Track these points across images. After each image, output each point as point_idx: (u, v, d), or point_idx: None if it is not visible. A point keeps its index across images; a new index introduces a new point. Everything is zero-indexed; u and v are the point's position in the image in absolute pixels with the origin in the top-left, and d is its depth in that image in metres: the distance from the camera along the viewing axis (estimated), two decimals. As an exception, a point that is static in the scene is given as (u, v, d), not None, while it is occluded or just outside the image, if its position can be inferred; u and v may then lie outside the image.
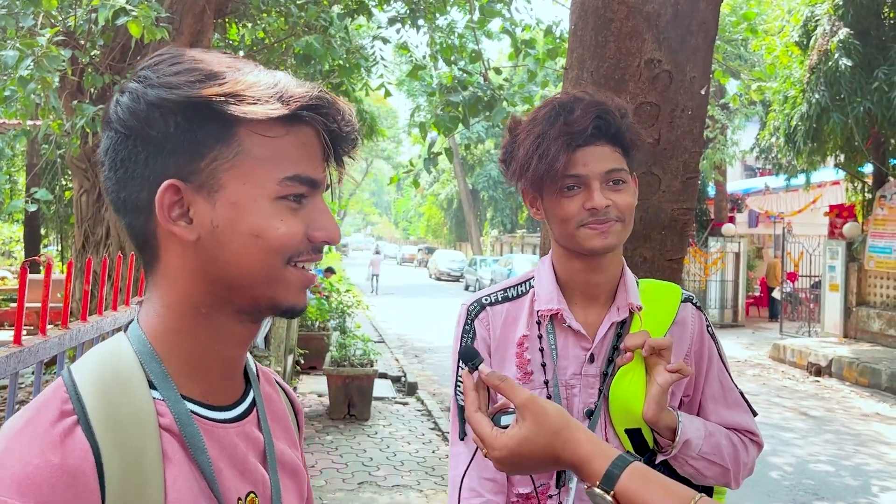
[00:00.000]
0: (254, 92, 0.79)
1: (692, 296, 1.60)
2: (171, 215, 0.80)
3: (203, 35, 6.13)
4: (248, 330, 0.87)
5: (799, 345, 12.55)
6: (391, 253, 58.93)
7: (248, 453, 0.87)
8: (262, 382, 0.98)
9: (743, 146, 19.27)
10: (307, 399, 8.45)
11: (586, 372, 1.47)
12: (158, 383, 0.80)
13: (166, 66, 0.81)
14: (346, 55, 7.57)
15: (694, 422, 1.45)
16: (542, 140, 1.39)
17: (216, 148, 0.79)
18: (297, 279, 0.84)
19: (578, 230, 1.40)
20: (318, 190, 0.85)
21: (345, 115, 0.85)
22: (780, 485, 6.10)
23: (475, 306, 1.55)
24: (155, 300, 0.84)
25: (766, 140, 14.32)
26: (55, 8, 5.43)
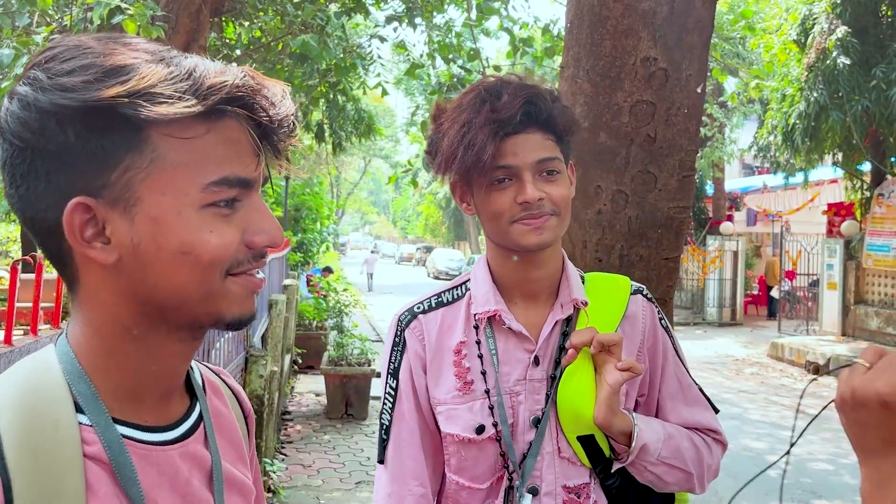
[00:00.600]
0: (164, 88, 0.68)
1: (643, 287, 1.50)
2: (85, 236, 0.71)
3: (199, 34, 6.11)
4: (189, 346, 0.79)
5: (797, 343, 12.56)
6: (389, 252, 58.90)
7: (192, 476, 0.79)
8: (209, 395, 0.89)
9: (741, 144, 19.26)
10: (304, 398, 8.44)
11: (531, 376, 1.36)
12: (87, 407, 0.72)
13: (58, 63, 0.70)
14: (343, 54, 7.56)
15: (651, 424, 1.36)
16: (468, 129, 1.27)
17: (127, 156, 0.70)
18: (240, 289, 0.76)
19: (511, 226, 1.29)
20: (253, 189, 0.76)
21: (275, 99, 0.75)
22: (777, 483, 6.07)
23: (406, 316, 1.43)
24: (81, 322, 0.76)
25: (764, 138, 14.31)
26: (51, 6, 5.42)
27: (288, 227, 13.24)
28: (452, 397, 1.36)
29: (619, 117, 2.46)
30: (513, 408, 1.35)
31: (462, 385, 1.36)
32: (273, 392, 5.20)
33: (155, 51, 0.72)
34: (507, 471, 1.34)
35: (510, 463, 1.33)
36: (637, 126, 2.47)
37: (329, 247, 18.98)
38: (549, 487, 1.33)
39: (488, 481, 1.36)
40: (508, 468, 1.33)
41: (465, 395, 1.36)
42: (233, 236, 0.74)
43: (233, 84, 0.71)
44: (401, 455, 1.38)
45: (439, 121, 1.37)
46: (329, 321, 9.90)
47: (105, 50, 0.70)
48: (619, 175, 2.50)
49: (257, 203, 0.77)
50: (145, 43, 0.74)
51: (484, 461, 1.35)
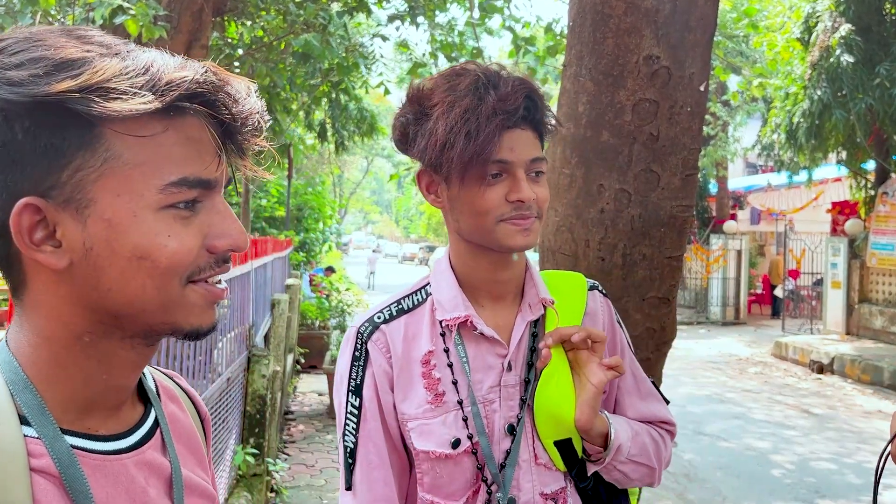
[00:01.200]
0: (119, 83, 0.64)
1: (597, 283, 1.46)
2: (33, 239, 0.67)
3: (201, 33, 6.12)
4: (142, 354, 0.75)
5: (801, 342, 12.53)
6: (392, 251, 58.90)
7: (149, 485, 0.76)
8: (164, 400, 0.86)
9: (745, 143, 19.23)
10: (307, 398, 8.44)
11: (505, 382, 1.29)
12: (33, 418, 0.68)
13: (7, 55, 0.65)
14: (345, 53, 7.55)
15: (622, 424, 1.33)
16: (471, 116, 1.17)
17: (78, 155, 0.66)
18: (200, 298, 0.72)
19: (498, 225, 1.22)
20: (214, 191, 0.72)
21: (238, 97, 0.71)
22: (781, 483, 6.08)
23: (367, 326, 1.32)
24: (27, 329, 0.71)
25: (767, 137, 14.27)
26: (53, 7, 5.42)
27: (290, 226, 13.24)
28: (423, 411, 1.28)
29: (621, 116, 2.45)
30: (487, 417, 1.28)
31: (433, 398, 1.28)
32: (275, 392, 5.20)
33: (111, 44, 0.69)
34: (486, 483, 1.27)
35: (489, 475, 1.27)
36: (640, 124, 2.46)
37: (332, 246, 18.99)
38: (527, 496, 1.28)
39: (464, 497, 1.29)
40: (487, 480, 1.27)
41: (436, 407, 1.27)
42: (193, 240, 0.70)
43: (193, 80, 0.67)
44: (370, 478, 1.28)
45: (425, 103, 1.25)
46: (332, 321, 9.90)
47: (57, 42, 0.66)
48: (621, 174, 2.49)
49: (219, 205, 0.73)
50: (101, 36, 0.70)
51: (460, 476, 1.28)
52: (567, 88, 2.59)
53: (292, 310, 7.91)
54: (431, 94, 1.24)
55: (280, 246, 8.34)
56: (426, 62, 8.32)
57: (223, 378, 3.92)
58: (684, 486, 5.84)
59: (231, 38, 8.00)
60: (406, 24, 7.81)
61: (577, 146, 2.53)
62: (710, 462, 6.58)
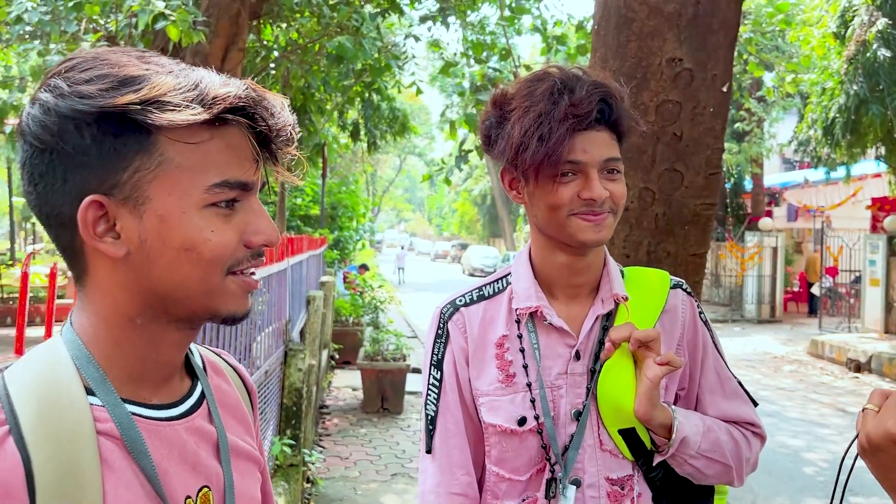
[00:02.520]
0: (173, 97, 0.74)
1: (682, 281, 1.49)
2: (97, 231, 0.76)
3: (238, 37, 6.28)
4: (187, 335, 0.85)
5: (838, 340, 12.36)
6: (425, 249, 59.07)
7: (200, 448, 0.85)
8: (211, 374, 0.95)
9: (781, 139, 18.98)
10: (342, 393, 8.59)
11: (572, 370, 1.37)
12: (97, 388, 0.78)
13: (78, 72, 0.76)
14: (377, 54, 7.67)
15: (691, 417, 1.37)
16: (544, 120, 1.25)
17: (137, 158, 0.75)
18: (237, 287, 0.82)
19: (569, 219, 1.29)
20: (251, 192, 0.82)
21: (274, 110, 0.80)
22: (813, 480, 6.06)
23: (448, 308, 1.45)
24: (88, 311, 0.81)
25: (804, 133, 14.09)
26: (97, 13, 5.61)
27: (325, 224, 13.43)
28: (494, 389, 1.38)
29: (645, 116, 2.52)
30: (554, 401, 1.36)
31: (504, 377, 1.38)
32: (311, 385, 5.34)
33: (165, 63, 0.79)
34: (549, 463, 1.35)
35: (552, 455, 1.35)
36: (663, 125, 2.53)
37: (365, 244, 19.17)
38: (592, 479, 1.35)
39: (528, 473, 1.37)
40: (550, 460, 1.35)
41: (507, 387, 1.37)
42: (232, 236, 0.79)
43: (235, 95, 0.76)
44: (447, 445, 1.40)
45: (506, 107, 1.33)
46: (365, 317, 10.05)
47: (120, 62, 0.76)
48: (645, 173, 2.56)
49: (255, 205, 0.82)
50: (157, 56, 0.80)
51: (524, 453, 1.36)
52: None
53: (327, 306, 8.07)
54: (512, 98, 1.33)
55: (315, 244, 8.50)
56: (457, 61, 8.42)
57: (261, 371, 4.06)
58: (715, 483, 5.85)
59: (267, 41, 8.17)
60: (437, 24, 7.90)
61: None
62: (741, 459, 6.57)
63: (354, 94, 9.44)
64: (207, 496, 0.85)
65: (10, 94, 5.28)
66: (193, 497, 0.83)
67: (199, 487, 0.84)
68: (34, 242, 22.46)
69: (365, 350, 8.01)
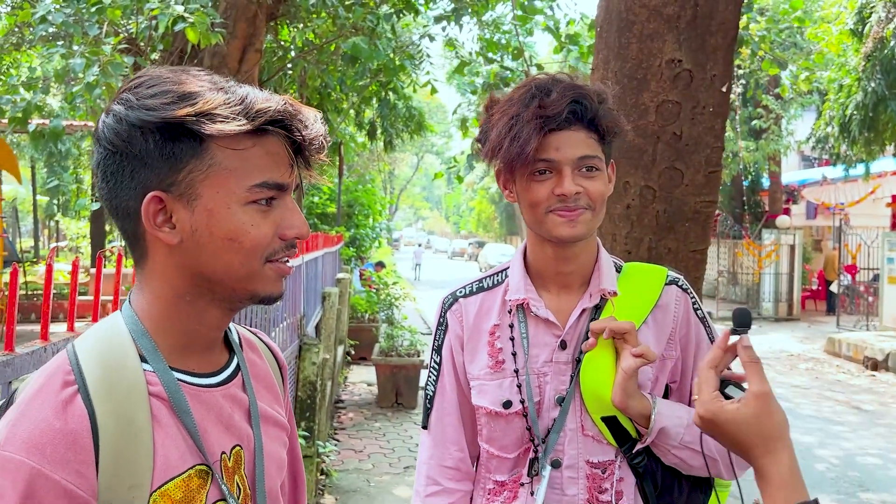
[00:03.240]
0: (222, 110, 0.87)
1: (679, 277, 1.54)
2: (157, 222, 0.90)
3: (255, 38, 6.39)
4: (227, 313, 0.98)
5: (855, 338, 12.29)
6: (442, 247, 59.15)
7: (234, 412, 0.99)
8: (246, 350, 1.10)
9: (800, 136, 18.85)
10: (357, 388, 8.71)
11: (557, 359, 1.45)
12: (149, 357, 0.92)
13: (144, 88, 0.90)
14: (392, 54, 7.76)
15: (675, 409, 1.41)
16: (516, 122, 1.35)
17: (191, 161, 0.89)
18: (273, 273, 0.95)
19: (547, 216, 1.37)
20: (286, 192, 0.95)
21: (308, 122, 0.93)
22: (824, 477, 6.08)
23: (449, 298, 1.56)
24: (145, 290, 0.95)
25: (821, 130, 14.01)
26: (119, 16, 5.75)
27: (341, 222, 13.56)
28: (485, 374, 1.49)
29: (645, 116, 2.59)
30: (539, 387, 1.44)
31: (494, 364, 1.47)
32: (325, 379, 5.45)
33: (217, 81, 0.93)
34: (533, 444, 1.45)
35: (535, 436, 1.44)
36: (663, 125, 2.59)
37: (382, 242, 19.29)
38: (572, 461, 1.43)
39: (515, 452, 1.47)
40: (534, 441, 1.45)
41: (495, 372, 1.47)
42: (268, 229, 0.92)
43: (275, 109, 0.90)
44: (442, 423, 1.53)
45: (491, 112, 1.44)
46: (380, 314, 10.16)
47: (179, 80, 0.91)
48: (646, 171, 2.63)
49: (290, 203, 0.96)
50: (208, 75, 0.94)
51: (511, 433, 1.46)
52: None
53: (342, 303, 8.18)
54: (495, 104, 1.44)
55: (331, 241, 8.62)
56: (472, 60, 8.49)
57: (276, 364, 4.16)
58: (725, 479, 5.89)
59: (284, 42, 8.29)
60: (452, 24, 7.98)
61: (605, 146, 2.67)
62: (753, 455, 6.60)
63: (371, 93, 9.54)
64: (239, 454, 0.99)
65: (34, 95, 5.42)
66: (228, 453, 0.96)
67: (232, 446, 0.98)
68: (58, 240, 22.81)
69: (380, 346, 8.12)
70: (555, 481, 1.43)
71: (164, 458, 0.88)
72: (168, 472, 0.88)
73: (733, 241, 18.94)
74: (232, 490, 0.96)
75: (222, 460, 0.96)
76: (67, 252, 18.69)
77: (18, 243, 18.28)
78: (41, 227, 20.87)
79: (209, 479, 0.93)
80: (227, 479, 0.95)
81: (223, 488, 0.94)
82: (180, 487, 0.89)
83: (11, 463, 0.79)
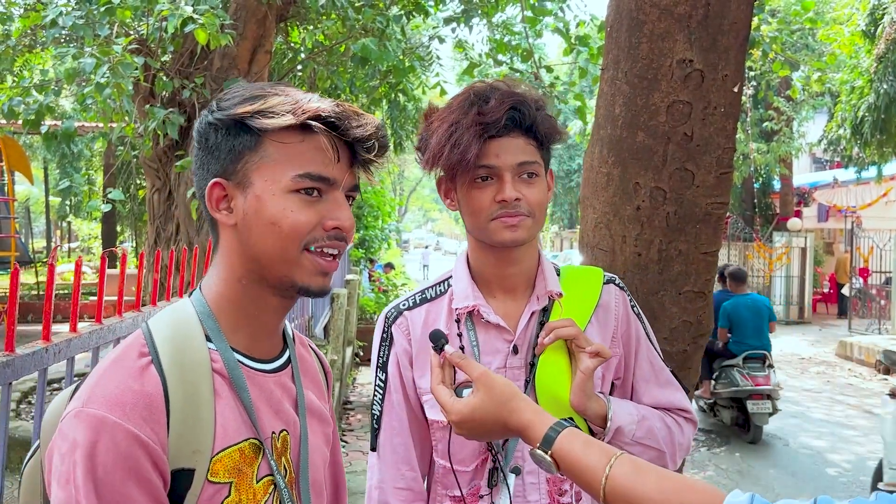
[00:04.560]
0: (274, 108, 0.98)
1: (614, 277, 1.58)
2: (219, 206, 1.02)
3: (265, 39, 6.40)
4: (280, 302, 1.06)
5: (867, 342, 12.20)
6: (451, 249, 59.12)
7: (283, 399, 1.08)
8: (297, 345, 1.19)
9: (811, 138, 18.73)
10: (366, 389, 8.70)
11: (511, 364, 1.44)
12: (213, 336, 1.01)
13: (227, 95, 1.04)
14: (401, 56, 7.76)
15: (626, 407, 1.44)
16: (455, 129, 1.36)
17: (247, 153, 1.00)
18: (310, 264, 1.01)
19: (489, 223, 1.38)
20: (334, 186, 1.02)
21: (356, 123, 1.01)
22: (836, 481, 6.03)
23: (392, 312, 1.53)
24: (213, 272, 1.06)
25: (833, 132, 13.92)
26: (129, 18, 5.77)
27: (350, 223, 13.54)
28: None
29: (656, 117, 2.56)
30: None
31: None
32: (333, 380, 5.44)
33: (284, 89, 1.03)
34: (491, 453, 1.43)
35: (493, 445, 1.43)
36: (674, 125, 2.57)
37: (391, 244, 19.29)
38: (532, 467, 1.42)
39: (473, 464, 1.45)
40: (492, 451, 1.43)
41: None
42: (311, 217, 1.00)
43: (320, 108, 0.99)
44: (392, 443, 1.48)
45: (430, 119, 1.45)
46: (389, 315, 10.13)
47: (253, 88, 1.03)
48: (656, 172, 2.60)
49: (338, 198, 1.03)
50: (284, 86, 1.04)
51: (468, 445, 1.43)
52: (604, 91, 2.71)
53: (351, 304, 8.18)
54: (434, 112, 1.46)
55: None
56: (481, 62, 8.47)
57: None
58: (736, 483, 5.85)
59: (294, 43, 8.30)
60: (461, 26, 7.97)
61: (614, 146, 2.64)
62: (763, 460, 6.56)
63: (380, 94, 9.54)
64: (286, 438, 1.07)
65: (46, 97, 5.44)
66: (276, 434, 1.05)
67: (280, 429, 1.06)
68: (69, 241, 22.94)
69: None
70: (516, 489, 1.42)
71: (222, 427, 0.97)
72: (225, 440, 0.97)
73: (744, 244, 18.84)
74: (280, 470, 1.04)
75: (272, 439, 1.04)
76: (79, 252, 18.79)
77: (31, 244, 18.39)
78: (53, 228, 21.00)
79: (260, 454, 1.01)
80: (275, 459, 1.03)
81: (272, 464, 1.02)
82: (235, 456, 0.98)
83: (95, 418, 0.88)
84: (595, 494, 1.01)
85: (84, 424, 0.88)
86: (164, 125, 5.31)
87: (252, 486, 0.99)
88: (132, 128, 5.62)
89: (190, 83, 5.90)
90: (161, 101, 6.27)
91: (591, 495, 1.03)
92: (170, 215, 6.64)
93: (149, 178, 6.92)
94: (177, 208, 6.51)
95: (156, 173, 6.69)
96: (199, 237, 6.20)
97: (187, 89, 5.86)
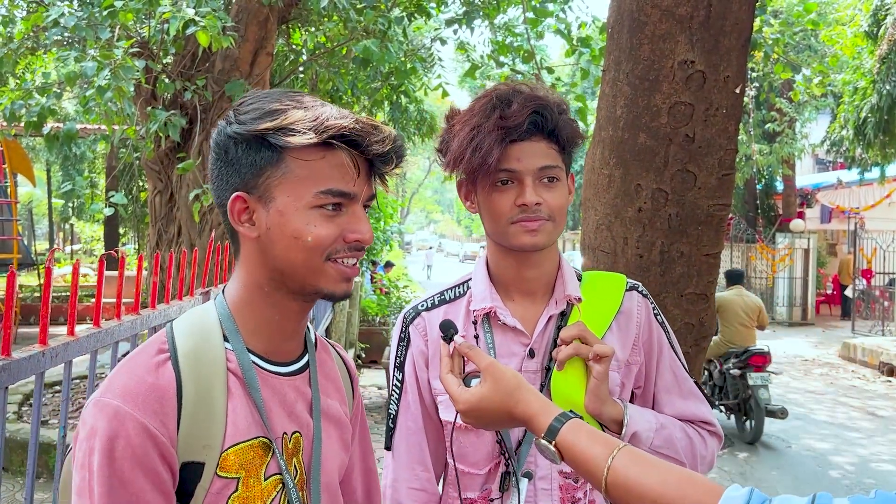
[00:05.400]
0: (297, 125, 0.99)
1: (638, 284, 1.55)
2: (241, 219, 1.05)
3: (267, 41, 6.40)
4: (300, 307, 1.10)
5: (870, 344, 12.17)
6: (454, 250, 59.14)
7: (297, 402, 1.11)
8: (319, 350, 1.22)
9: (814, 139, 18.70)
10: (368, 391, 8.69)
11: (526, 368, 1.43)
12: (231, 337, 1.06)
13: (245, 106, 1.05)
14: (403, 58, 7.76)
15: (644, 414, 1.42)
16: (477, 132, 1.35)
17: (269, 169, 1.02)
18: (333, 272, 1.05)
19: (510, 227, 1.38)
20: (354, 200, 1.05)
21: (376, 139, 1.03)
22: (839, 483, 6.00)
23: (411, 313, 1.53)
24: (235, 278, 1.10)
25: (836, 133, 13.89)
26: (131, 20, 5.77)
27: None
28: None
29: (657, 118, 2.55)
30: None
31: None
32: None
33: (301, 101, 1.04)
34: (506, 457, 1.42)
35: (506, 450, 1.42)
36: (676, 126, 2.55)
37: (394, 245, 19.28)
38: (544, 472, 1.41)
39: (486, 467, 1.44)
40: (505, 455, 1.42)
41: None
42: (332, 231, 1.03)
43: (342, 125, 1.00)
44: (406, 443, 1.48)
45: (451, 122, 1.45)
46: (391, 317, 10.14)
47: (270, 99, 1.04)
48: (658, 174, 2.59)
49: (358, 211, 1.06)
50: (300, 95, 1.06)
51: (482, 448, 1.43)
52: (606, 93, 2.70)
53: (353, 306, 8.17)
54: (456, 115, 1.45)
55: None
56: (483, 63, 8.47)
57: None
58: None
59: (295, 45, 8.30)
60: (463, 27, 7.97)
61: (616, 148, 2.63)
62: (766, 462, 6.54)
63: (382, 96, 9.54)
64: (299, 440, 1.10)
65: (48, 99, 5.44)
66: (289, 435, 1.08)
67: (292, 430, 1.09)
68: (72, 243, 22.96)
69: (390, 349, 8.10)
70: (528, 494, 1.41)
71: (233, 424, 1.01)
72: (236, 436, 1.01)
73: (747, 245, 18.80)
74: (290, 470, 1.06)
75: (283, 440, 1.07)
76: (80, 254, 18.81)
77: (34, 246, 18.41)
78: (56, 230, 21.03)
79: (270, 453, 1.04)
80: (286, 459, 1.06)
81: (281, 463, 1.05)
82: (244, 453, 1.01)
83: (108, 407, 0.93)
84: (597, 485, 1.02)
85: (101, 413, 0.93)
86: (165, 127, 5.31)
87: (260, 482, 1.03)
88: (134, 130, 5.62)
89: (192, 85, 5.90)
90: (163, 103, 6.28)
91: (594, 485, 1.03)
92: (171, 217, 6.64)
93: (150, 181, 6.92)
94: (178, 210, 6.50)
95: (157, 175, 6.69)
96: (200, 239, 6.20)
97: (189, 91, 5.87)
